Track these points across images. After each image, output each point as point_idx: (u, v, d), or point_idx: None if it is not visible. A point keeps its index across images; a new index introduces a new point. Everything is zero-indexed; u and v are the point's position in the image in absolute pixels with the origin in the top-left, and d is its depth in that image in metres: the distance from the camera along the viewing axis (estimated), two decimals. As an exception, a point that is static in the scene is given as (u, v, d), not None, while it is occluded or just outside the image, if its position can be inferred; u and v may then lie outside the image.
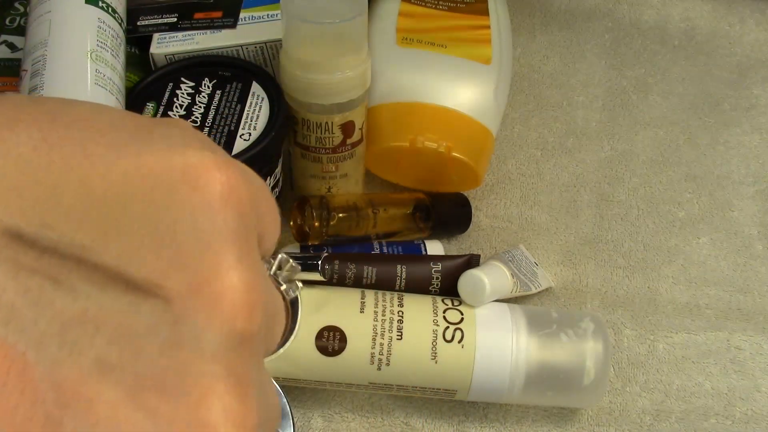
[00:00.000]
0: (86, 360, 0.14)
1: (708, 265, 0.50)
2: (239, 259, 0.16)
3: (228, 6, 0.48)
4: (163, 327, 0.15)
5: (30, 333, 0.14)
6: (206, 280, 0.15)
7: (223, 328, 0.15)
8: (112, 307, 0.15)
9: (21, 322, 0.14)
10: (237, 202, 0.16)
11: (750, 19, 0.64)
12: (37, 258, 0.14)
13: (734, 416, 0.43)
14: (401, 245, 0.47)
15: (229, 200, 0.16)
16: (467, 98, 0.47)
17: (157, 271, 0.15)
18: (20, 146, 0.14)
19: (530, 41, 0.62)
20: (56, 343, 0.14)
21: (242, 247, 0.16)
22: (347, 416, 0.43)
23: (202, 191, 0.15)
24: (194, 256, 0.15)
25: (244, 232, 0.16)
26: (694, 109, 0.58)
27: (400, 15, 0.50)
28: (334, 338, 0.39)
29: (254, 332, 0.16)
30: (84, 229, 0.14)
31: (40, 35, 0.41)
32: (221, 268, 0.15)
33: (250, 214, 0.16)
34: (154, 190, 0.15)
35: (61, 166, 0.14)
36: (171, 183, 0.15)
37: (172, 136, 0.16)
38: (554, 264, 0.49)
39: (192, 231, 0.15)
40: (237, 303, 0.15)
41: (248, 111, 0.43)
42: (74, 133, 0.15)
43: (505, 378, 0.39)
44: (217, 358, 0.15)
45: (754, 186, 0.54)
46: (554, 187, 0.53)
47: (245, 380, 0.16)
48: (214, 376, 0.15)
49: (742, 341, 0.46)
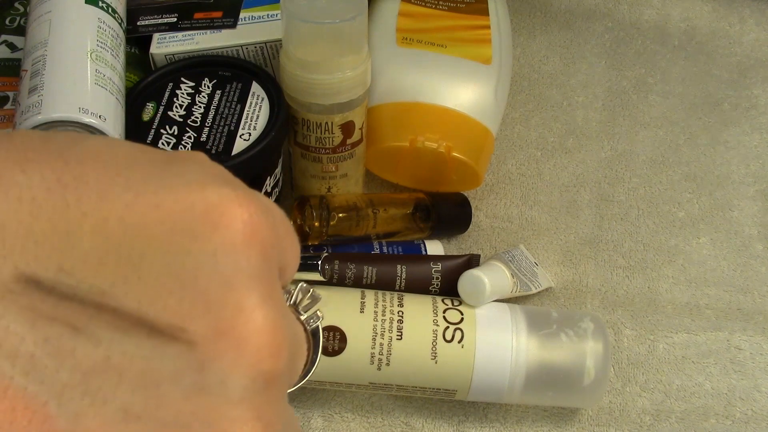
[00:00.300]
0: (110, 410, 0.14)
1: (708, 265, 0.50)
2: (263, 298, 0.15)
3: (228, 6, 0.48)
4: (188, 372, 0.14)
5: (51, 383, 0.13)
6: (231, 322, 0.15)
7: (249, 371, 0.15)
8: (135, 353, 0.14)
9: (41, 372, 0.13)
10: (260, 240, 0.16)
11: (750, 19, 0.64)
12: (56, 305, 0.14)
13: (734, 416, 0.43)
14: (401, 245, 0.47)
15: (252, 239, 0.15)
16: (467, 98, 0.47)
17: (180, 315, 0.14)
18: (33, 189, 0.14)
19: (530, 41, 0.62)
20: (78, 393, 0.14)
21: (266, 285, 0.16)
22: (347, 416, 0.43)
23: (223, 231, 0.15)
24: (217, 299, 0.15)
25: (267, 270, 0.16)
26: (694, 109, 0.58)
27: (400, 15, 0.50)
28: (334, 338, 0.39)
29: (280, 372, 0.16)
30: (103, 274, 0.14)
31: (40, 35, 0.41)
32: (245, 309, 0.15)
33: (272, 250, 0.16)
34: (174, 233, 0.15)
35: (76, 208, 0.14)
36: (191, 224, 0.15)
37: (190, 172, 0.15)
38: (554, 264, 0.49)
39: (214, 273, 0.15)
40: (263, 345, 0.15)
41: (248, 111, 0.43)
42: (88, 171, 0.14)
43: (505, 378, 0.39)
44: (244, 402, 0.15)
45: (754, 186, 0.54)
46: (554, 187, 0.53)
47: (272, 422, 0.16)
48: (241, 421, 0.15)
49: (742, 341, 0.46)
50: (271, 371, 0.15)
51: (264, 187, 0.43)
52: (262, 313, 0.15)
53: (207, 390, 0.15)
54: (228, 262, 0.15)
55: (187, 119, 0.42)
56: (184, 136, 0.42)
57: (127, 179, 0.15)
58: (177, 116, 0.42)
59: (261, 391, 0.15)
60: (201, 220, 0.15)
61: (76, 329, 0.14)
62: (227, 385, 0.15)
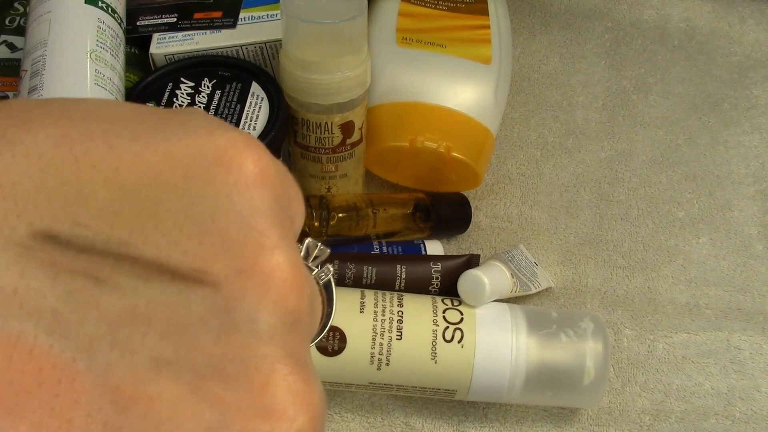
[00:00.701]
0: (140, 359, 0.14)
1: (708, 265, 0.50)
2: (281, 237, 0.15)
3: (228, 6, 0.48)
4: (215, 314, 0.14)
5: (77, 338, 0.13)
6: (253, 260, 0.15)
7: (276, 308, 0.15)
8: (160, 299, 0.14)
9: (66, 327, 0.13)
10: (271, 182, 0.16)
11: (750, 19, 0.64)
12: (75, 258, 0.13)
13: (734, 416, 0.43)
14: (401, 245, 0.47)
15: (264, 180, 0.15)
16: (467, 98, 0.47)
17: (202, 258, 0.14)
18: (40, 145, 0.13)
19: (530, 41, 0.62)
20: (107, 346, 0.13)
21: (281, 225, 0.16)
22: (347, 416, 0.43)
23: (236, 172, 0.15)
24: (237, 238, 0.15)
25: (280, 211, 0.16)
26: (694, 109, 0.58)
27: (400, 15, 0.50)
28: (334, 338, 0.39)
29: (304, 311, 0.16)
30: (119, 224, 0.14)
31: (40, 35, 0.41)
32: (265, 247, 0.15)
33: (282, 193, 0.16)
34: (187, 177, 0.14)
35: (85, 161, 0.14)
36: (203, 167, 0.15)
37: (194, 120, 0.15)
38: (554, 264, 0.49)
39: (231, 213, 0.15)
40: (287, 281, 0.15)
41: (248, 111, 0.43)
42: (93, 126, 0.14)
43: (505, 378, 0.39)
44: (275, 339, 0.15)
45: (754, 186, 0.54)
46: (554, 187, 0.53)
47: (303, 360, 0.16)
48: (274, 357, 0.15)
49: (742, 341, 0.46)
50: (296, 309, 0.15)
51: (264, 187, 0.43)
52: (283, 251, 0.15)
53: (236, 330, 0.14)
54: (243, 201, 0.15)
55: (186, 119, 0.42)
56: (184, 136, 0.42)
57: (134, 131, 0.14)
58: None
59: (289, 329, 0.15)
60: (213, 163, 0.15)
61: (98, 280, 0.14)
62: (256, 323, 0.15)
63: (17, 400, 0.13)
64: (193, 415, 0.14)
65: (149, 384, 0.14)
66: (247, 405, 0.14)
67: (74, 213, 0.13)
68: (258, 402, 0.14)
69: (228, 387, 0.14)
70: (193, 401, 0.14)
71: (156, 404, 0.14)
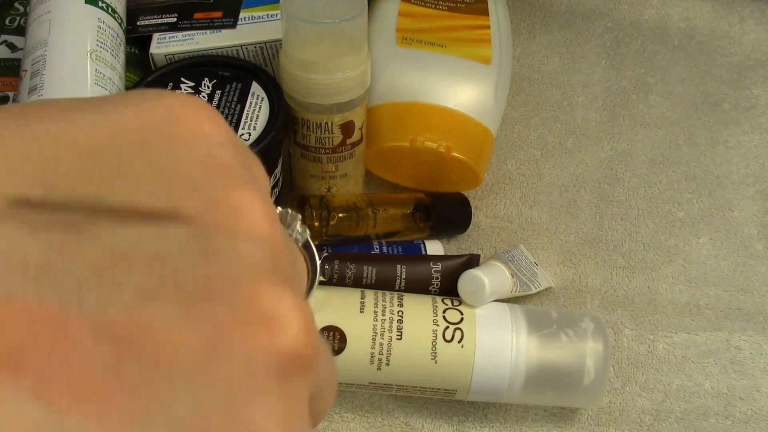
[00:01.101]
0: (128, 293, 0.14)
1: (708, 265, 0.50)
2: (246, 179, 0.16)
3: (228, 6, 0.48)
4: (194, 242, 0.15)
5: (65, 286, 0.14)
6: (222, 195, 0.16)
7: (251, 232, 0.16)
8: (138, 239, 0.15)
9: (52, 277, 0.14)
10: (226, 135, 0.17)
11: (750, 19, 0.64)
12: (52, 215, 0.14)
13: (734, 416, 0.43)
14: (401, 245, 0.47)
15: (218, 133, 0.16)
16: (467, 98, 0.47)
17: (172, 198, 0.15)
18: (0, 129, 0.14)
19: (530, 41, 0.62)
20: (94, 287, 0.14)
21: (244, 171, 0.16)
22: (347, 416, 0.43)
23: (191, 126, 0.16)
24: (203, 180, 0.16)
25: (239, 158, 0.17)
26: (694, 109, 0.58)
27: (400, 15, 0.50)
28: (334, 338, 0.39)
29: (281, 246, 0.16)
30: (88, 182, 0.15)
31: (40, 35, 0.41)
32: (231, 187, 0.16)
33: (242, 150, 0.17)
34: (145, 135, 0.16)
35: (45, 135, 0.15)
36: (159, 125, 0.16)
37: (145, 93, 0.17)
38: (554, 264, 0.49)
39: (193, 160, 0.16)
40: (260, 210, 0.16)
41: (248, 111, 0.43)
42: (49, 109, 0.15)
43: (505, 378, 0.39)
44: (256, 259, 0.15)
45: (754, 186, 0.54)
46: (554, 187, 0.53)
47: (287, 277, 0.16)
48: (259, 272, 0.15)
49: (742, 341, 0.46)
50: (272, 237, 0.16)
51: (264, 187, 0.43)
52: (248, 191, 0.16)
53: (215, 253, 0.15)
54: (204, 150, 0.16)
55: (187, 119, 0.42)
56: (184, 136, 0.42)
57: (90, 106, 0.16)
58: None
59: (270, 256, 0.16)
60: (169, 121, 0.16)
61: (77, 229, 0.14)
62: (234, 246, 0.15)
63: (16, 357, 0.13)
64: (188, 334, 0.14)
65: (140, 313, 0.14)
66: (239, 316, 0.15)
67: (43, 179, 0.14)
68: (250, 312, 0.15)
69: (218, 303, 0.15)
70: (185, 322, 0.14)
71: (150, 331, 0.14)
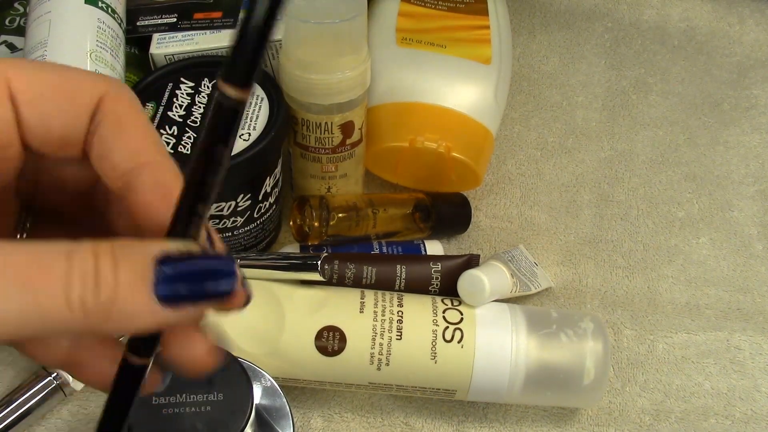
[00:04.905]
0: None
1: (708, 265, 0.50)
2: None
3: (228, 6, 0.48)
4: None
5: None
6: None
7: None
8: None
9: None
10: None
11: (750, 19, 0.64)
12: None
13: (734, 416, 0.43)
14: (401, 245, 0.47)
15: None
16: (467, 98, 0.47)
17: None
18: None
19: (530, 41, 0.62)
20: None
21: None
22: (347, 416, 0.43)
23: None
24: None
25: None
26: (694, 109, 0.58)
27: (399, 15, 0.50)
28: (334, 338, 0.39)
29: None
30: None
31: (40, 35, 0.41)
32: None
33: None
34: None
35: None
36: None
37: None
38: (554, 264, 0.49)
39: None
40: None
41: (248, 111, 0.43)
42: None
43: (505, 378, 0.39)
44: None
45: (754, 186, 0.54)
46: (554, 187, 0.53)
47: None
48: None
49: (741, 341, 0.46)
50: None
51: (264, 187, 0.43)
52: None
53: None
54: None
55: (186, 119, 0.42)
56: (184, 137, 0.42)
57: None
58: (177, 116, 0.43)
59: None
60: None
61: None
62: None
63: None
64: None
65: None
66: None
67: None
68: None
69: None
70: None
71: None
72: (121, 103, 0.20)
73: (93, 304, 0.16)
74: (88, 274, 0.16)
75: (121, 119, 0.20)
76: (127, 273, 0.17)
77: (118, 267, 0.17)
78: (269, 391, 0.35)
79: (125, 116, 0.20)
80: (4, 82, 0.19)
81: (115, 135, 0.19)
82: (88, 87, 0.20)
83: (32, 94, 0.19)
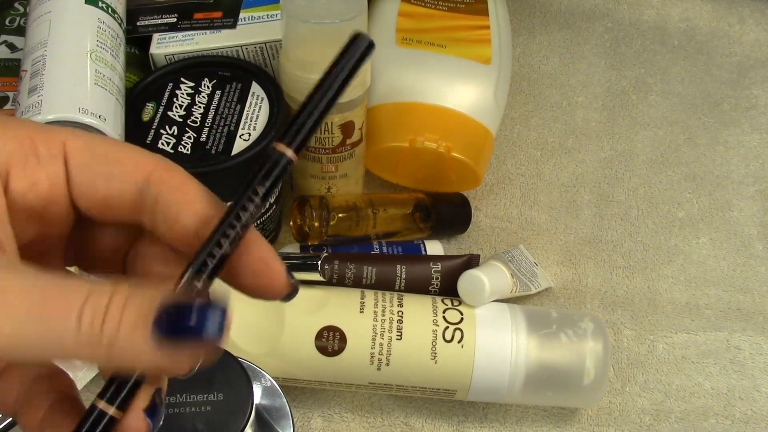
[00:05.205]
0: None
1: (708, 265, 0.50)
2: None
3: (228, 6, 0.48)
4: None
5: None
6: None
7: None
8: None
9: None
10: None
11: (750, 19, 0.64)
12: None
13: (734, 416, 0.43)
14: (401, 245, 0.47)
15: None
16: (467, 98, 0.47)
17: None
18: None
19: (530, 41, 0.62)
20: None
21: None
22: (347, 416, 0.43)
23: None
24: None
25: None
26: (693, 109, 0.58)
27: (399, 15, 0.50)
28: (334, 338, 0.39)
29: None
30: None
31: (40, 35, 0.41)
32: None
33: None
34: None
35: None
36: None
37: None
38: (554, 264, 0.49)
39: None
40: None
41: (248, 111, 0.43)
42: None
43: (505, 378, 0.39)
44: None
45: (754, 186, 0.54)
46: (554, 187, 0.53)
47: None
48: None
49: (741, 341, 0.46)
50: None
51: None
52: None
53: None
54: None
55: (186, 119, 0.42)
56: (184, 136, 0.42)
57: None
58: (177, 116, 0.43)
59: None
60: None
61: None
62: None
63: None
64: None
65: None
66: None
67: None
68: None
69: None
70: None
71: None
72: (177, 173, 0.22)
73: (97, 337, 0.18)
74: (100, 308, 0.18)
75: (179, 186, 0.22)
76: (131, 314, 0.18)
77: (126, 306, 0.18)
78: (269, 391, 0.35)
79: (183, 184, 0.22)
80: (61, 145, 0.21)
81: (179, 199, 0.21)
82: (138, 157, 0.22)
83: (84, 158, 0.21)
